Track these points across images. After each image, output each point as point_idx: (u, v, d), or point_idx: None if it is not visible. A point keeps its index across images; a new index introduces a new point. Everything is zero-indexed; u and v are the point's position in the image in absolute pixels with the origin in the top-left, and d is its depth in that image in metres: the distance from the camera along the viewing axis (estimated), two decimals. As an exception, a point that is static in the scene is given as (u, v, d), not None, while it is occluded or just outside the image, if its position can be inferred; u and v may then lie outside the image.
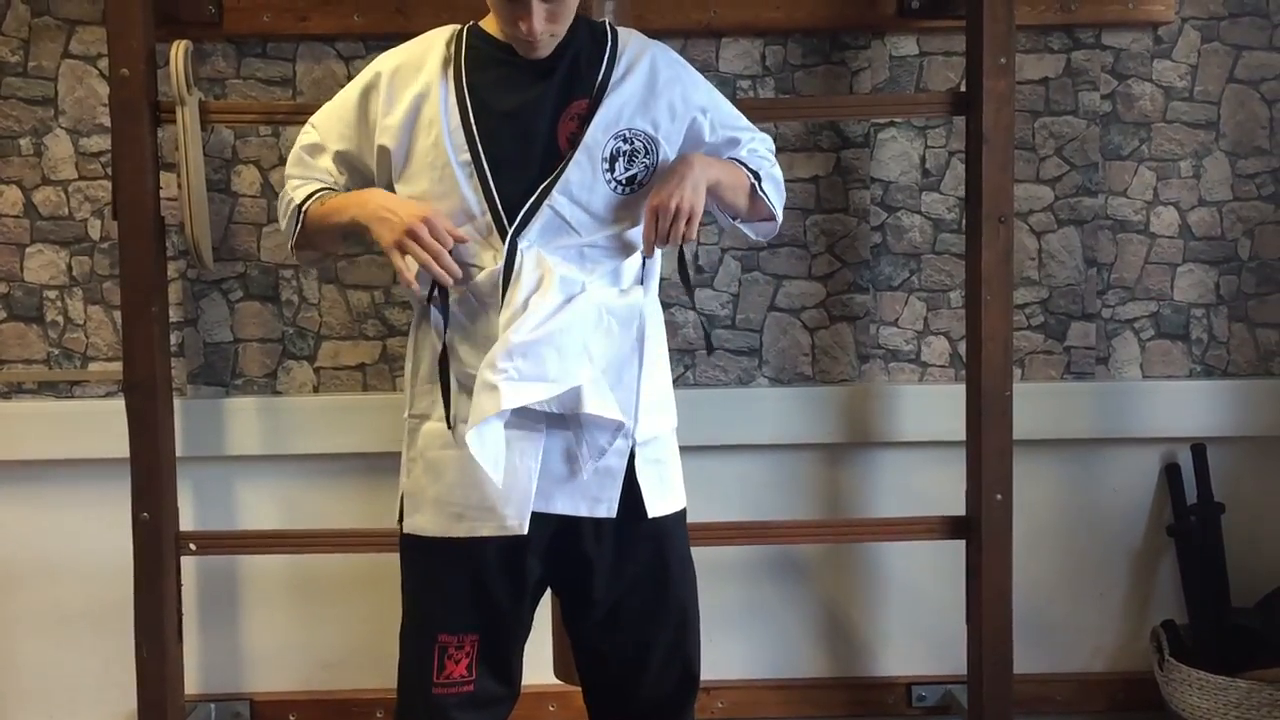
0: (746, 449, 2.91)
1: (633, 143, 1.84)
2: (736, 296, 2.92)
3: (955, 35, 2.77)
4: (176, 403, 2.68)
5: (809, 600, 2.99)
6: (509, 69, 1.84)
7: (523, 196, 1.80)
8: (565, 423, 1.82)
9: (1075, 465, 2.97)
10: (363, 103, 1.88)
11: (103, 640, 2.89)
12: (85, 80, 2.82)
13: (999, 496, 2.60)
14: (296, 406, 2.87)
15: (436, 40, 1.89)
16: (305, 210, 1.89)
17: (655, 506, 1.89)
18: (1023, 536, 2.71)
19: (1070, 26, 2.87)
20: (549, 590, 2.00)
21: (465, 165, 1.80)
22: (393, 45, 1.92)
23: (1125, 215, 2.93)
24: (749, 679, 2.98)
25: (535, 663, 2.39)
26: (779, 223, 2.03)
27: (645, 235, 1.81)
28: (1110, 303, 2.95)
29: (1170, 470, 2.95)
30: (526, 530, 1.81)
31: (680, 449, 2.00)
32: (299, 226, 1.91)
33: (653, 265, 1.93)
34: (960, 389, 2.70)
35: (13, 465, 2.86)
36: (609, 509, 1.85)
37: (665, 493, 1.92)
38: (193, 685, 2.84)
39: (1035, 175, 2.92)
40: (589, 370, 1.79)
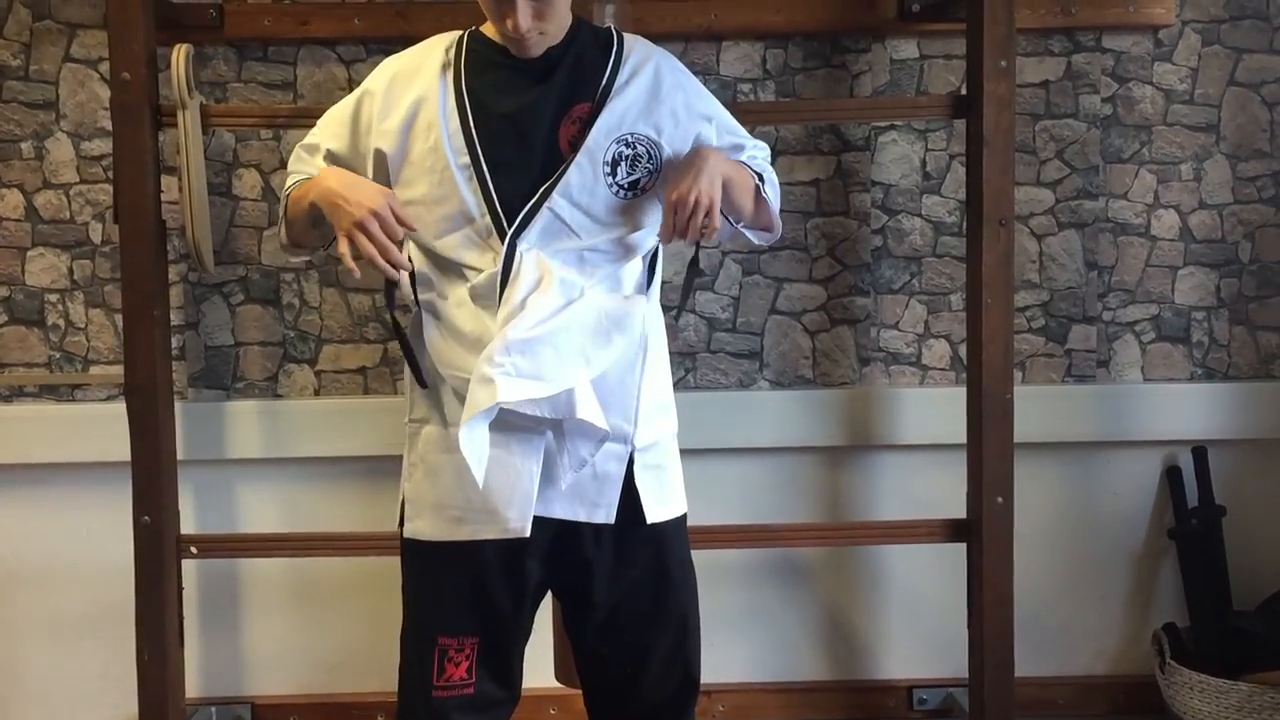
0: (747, 452, 2.91)
1: (635, 147, 1.84)
2: (737, 299, 2.92)
3: (956, 38, 2.77)
4: (177, 406, 2.68)
5: (810, 603, 2.99)
6: (508, 72, 1.85)
7: (522, 199, 1.80)
8: (558, 428, 1.82)
9: (1076, 468, 2.97)
10: (357, 107, 1.90)
11: (104, 643, 2.89)
12: (86, 84, 2.82)
13: (1000, 499, 2.60)
14: (297, 410, 2.87)
15: (436, 46, 1.90)
16: (287, 197, 1.92)
17: (654, 512, 1.89)
18: (1024, 539, 2.71)
19: (1071, 29, 2.87)
20: (550, 594, 2.00)
21: (465, 168, 1.81)
22: (393, 49, 1.93)
23: (1126, 218, 2.93)
24: (750, 682, 2.98)
25: (536, 666, 2.39)
26: (777, 231, 2.02)
27: (664, 226, 1.80)
28: (1111, 305, 2.95)
29: (1171, 473, 2.95)
30: (529, 533, 1.81)
31: (681, 452, 2.00)
32: (284, 215, 1.93)
33: (655, 271, 1.93)
34: (961, 392, 2.70)
35: (14, 469, 2.86)
36: (607, 514, 1.86)
37: (665, 498, 1.92)
38: (194, 688, 2.84)
39: (1036, 178, 2.92)
40: (584, 374, 1.78)
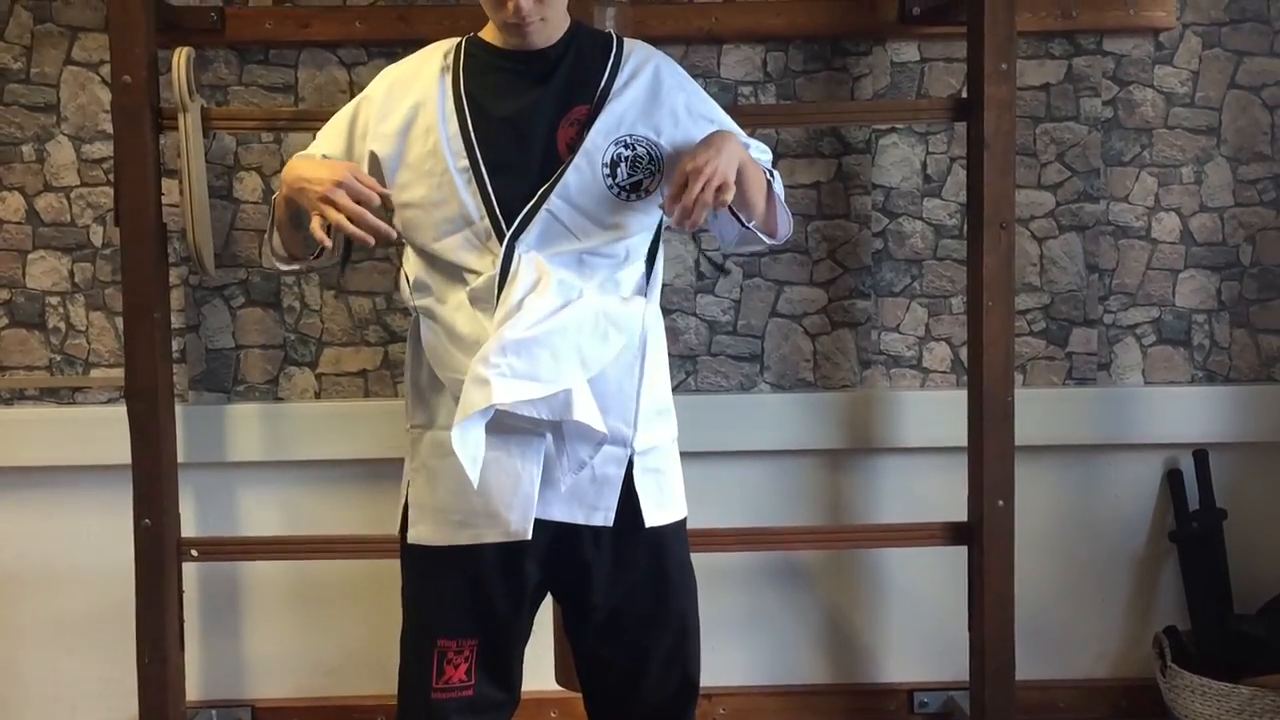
0: (748, 455, 2.91)
1: (634, 149, 1.84)
2: (738, 302, 2.92)
3: (956, 41, 2.76)
4: (178, 409, 2.68)
5: (811, 606, 2.99)
6: (507, 75, 1.85)
7: (521, 201, 1.80)
8: (558, 430, 1.81)
9: (1077, 471, 2.96)
10: (355, 112, 1.91)
11: (104, 647, 2.88)
12: (87, 87, 2.83)
13: (1001, 502, 2.60)
14: (298, 412, 2.87)
15: (434, 52, 1.91)
16: (272, 204, 1.91)
17: (653, 516, 1.89)
18: (1025, 542, 2.70)
19: (1071, 32, 2.87)
20: (550, 597, 2.00)
21: (464, 171, 1.81)
22: (394, 51, 1.94)
23: (1127, 221, 2.93)
24: (751, 685, 2.97)
25: (537, 669, 2.39)
26: (786, 233, 1.98)
27: (670, 196, 1.74)
28: (1112, 308, 2.94)
29: (1172, 476, 2.94)
30: (530, 535, 1.81)
31: (681, 455, 2.00)
32: (270, 222, 1.93)
33: (655, 275, 1.93)
34: (962, 395, 2.70)
35: (14, 472, 2.86)
36: (605, 518, 1.86)
37: (664, 502, 1.92)
38: (194, 691, 2.83)
39: (1037, 181, 2.92)
40: (581, 376, 1.78)
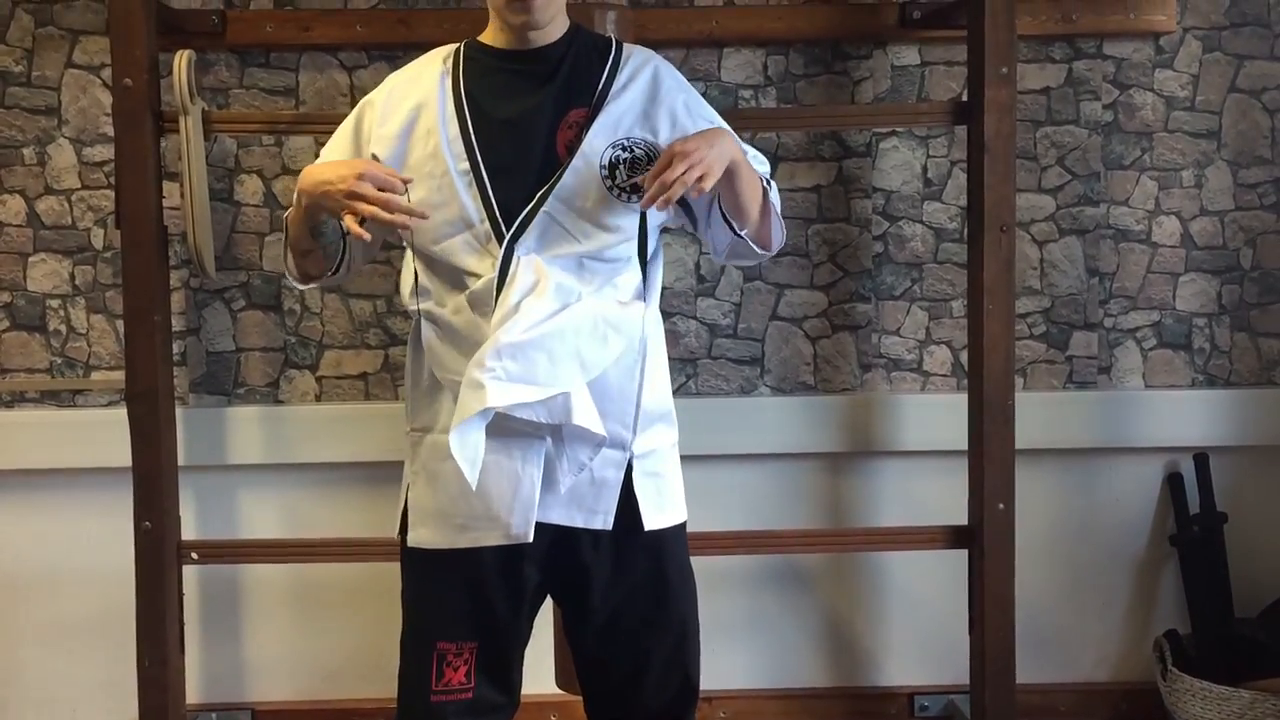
0: (748, 458, 2.91)
1: (633, 151, 1.84)
2: (738, 306, 2.92)
3: (957, 45, 2.77)
4: (178, 412, 2.68)
5: (811, 610, 2.99)
6: (507, 77, 1.86)
7: (521, 203, 1.80)
8: (557, 433, 1.81)
9: (1077, 475, 2.96)
10: (359, 117, 1.92)
11: (105, 649, 2.88)
12: (88, 90, 2.83)
13: (1001, 506, 2.60)
14: (298, 415, 2.87)
15: (435, 56, 1.93)
16: (285, 221, 1.91)
17: (652, 520, 1.88)
18: (1025, 546, 2.70)
19: (1072, 36, 2.88)
20: (550, 600, 2.00)
21: (465, 174, 1.81)
22: (395, 55, 1.94)
23: (1127, 225, 2.93)
24: (751, 689, 2.97)
25: (537, 672, 2.39)
26: (778, 245, 1.97)
27: (652, 173, 1.73)
28: (1112, 312, 2.95)
29: (1173, 480, 2.94)
30: (531, 538, 1.81)
31: (682, 458, 2.00)
32: (286, 242, 1.92)
33: (655, 278, 1.93)
34: (962, 398, 2.70)
35: (15, 474, 2.86)
36: (604, 521, 1.85)
37: (664, 506, 1.91)
38: (194, 694, 2.84)
39: (1037, 185, 2.92)
40: (580, 379, 1.78)
